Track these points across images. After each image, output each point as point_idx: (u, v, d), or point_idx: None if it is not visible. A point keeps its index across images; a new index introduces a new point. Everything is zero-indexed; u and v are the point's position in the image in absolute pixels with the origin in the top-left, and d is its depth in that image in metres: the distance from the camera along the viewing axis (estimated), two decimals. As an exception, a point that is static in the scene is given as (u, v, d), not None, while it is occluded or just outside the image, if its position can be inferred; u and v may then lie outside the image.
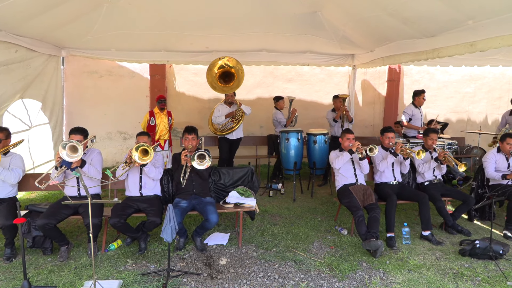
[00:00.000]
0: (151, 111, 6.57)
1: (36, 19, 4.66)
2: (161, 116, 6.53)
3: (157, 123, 6.49)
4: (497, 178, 4.79)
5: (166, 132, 6.56)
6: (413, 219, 5.16)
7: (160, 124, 6.50)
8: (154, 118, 6.50)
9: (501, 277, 3.55)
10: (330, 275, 3.60)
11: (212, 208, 4.06)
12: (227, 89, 6.06)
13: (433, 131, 4.99)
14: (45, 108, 6.08)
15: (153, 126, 6.48)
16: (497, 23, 3.67)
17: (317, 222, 5.02)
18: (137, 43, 6.45)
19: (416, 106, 6.84)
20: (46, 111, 6.18)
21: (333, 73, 8.70)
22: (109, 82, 7.99)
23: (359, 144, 4.59)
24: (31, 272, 3.58)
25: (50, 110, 6.24)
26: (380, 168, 4.77)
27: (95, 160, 4.14)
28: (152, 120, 6.48)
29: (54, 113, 6.29)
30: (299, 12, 5.01)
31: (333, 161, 4.71)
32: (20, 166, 4.09)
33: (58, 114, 6.43)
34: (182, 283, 3.41)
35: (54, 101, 6.35)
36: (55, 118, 6.34)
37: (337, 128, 6.96)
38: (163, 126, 6.52)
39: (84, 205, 3.85)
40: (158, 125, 6.49)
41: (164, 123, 6.53)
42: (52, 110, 6.28)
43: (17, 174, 4.02)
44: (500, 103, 9.20)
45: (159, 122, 6.50)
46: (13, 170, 4.01)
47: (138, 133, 4.34)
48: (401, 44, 5.41)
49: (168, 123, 6.59)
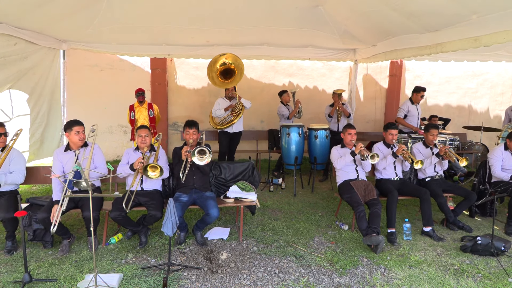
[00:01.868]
0: (131, 105, 6.52)
1: (37, 11, 4.63)
2: (140, 109, 6.46)
3: (136, 117, 6.44)
4: (505, 179, 4.74)
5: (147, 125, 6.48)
6: (414, 215, 5.16)
7: (139, 118, 6.44)
8: (133, 112, 6.46)
9: (502, 274, 3.55)
10: (330, 270, 3.60)
11: (212, 202, 4.05)
12: (227, 84, 6.10)
13: (433, 126, 4.97)
14: (30, 99, 6.00)
15: (133, 120, 6.45)
16: (502, 18, 3.64)
17: (317, 217, 5.02)
18: (138, 37, 6.41)
19: (413, 102, 6.76)
20: (30, 103, 6.10)
21: (335, 68, 8.66)
22: (110, 75, 7.97)
23: (362, 146, 4.55)
24: (32, 265, 3.58)
25: (34, 101, 6.15)
26: (380, 167, 4.76)
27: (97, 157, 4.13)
28: (132, 114, 6.45)
29: (38, 105, 6.16)
30: (301, 6, 4.96)
31: (335, 161, 4.70)
32: (21, 167, 4.08)
33: (42, 106, 6.30)
34: (183, 277, 3.41)
35: (40, 93, 6.22)
36: (37, 109, 6.21)
37: (333, 123, 6.95)
38: (143, 120, 6.43)
39: (83, 198, 3.84)
40: (137, 119, 6.44)
41: (143, 116, 6.45)
42: (36, 102, 6.17)
43: (21, 175, 4.05)
44: (503, 99, 9.16)
45: (138, 116, 6.44)
46: (15, 172, 4.00)
47: (137, 127, 4.36)
48: (404, 38, 5.37)
49: (149, 115, 6.47)
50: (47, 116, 6.51)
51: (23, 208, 4.02)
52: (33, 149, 6.16)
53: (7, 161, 3.99)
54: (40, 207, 3.96)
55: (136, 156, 4.23)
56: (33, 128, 6.19)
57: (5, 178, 3.91)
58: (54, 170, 3.92)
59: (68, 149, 4.04)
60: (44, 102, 6.39)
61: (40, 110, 6.32)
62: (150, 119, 6.49)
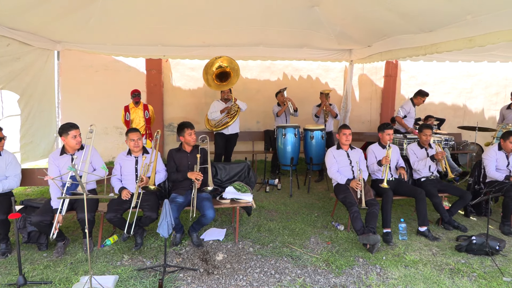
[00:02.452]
0: (126, 106, 6.52)
1: (31, 12, 4.59)
2: (136, 110, 6.47)
3: (132, 118, 6.45)
4: (499, 179, 4.76)
5: (143, 126, 6.48)
6: (410, 215, 5.17)
7: (135, 118, 6.46)
8: (128, 113, 6.45)
9: (497, 273, 3.57)
10: (326, 270, 3.60)
11: (208, 203, 4.04)
12: (222, 87, 6.13)
13: (427, 126, 4.99)
14: (21, 100, 5.95)
15: (128, 121, 6.45)
16: (496, 18, 3.65)
17: (313, 218, 5.02)
18: (133, 37, 6.39)
19: (414, 104, 6.79)
20: (21, 104, 6.05)
21: (330, 68, 8.68)
22: (105, 76, 7.93)
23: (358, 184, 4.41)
24: (27, 267, 3.56)
25: (25, 102, 6.10)
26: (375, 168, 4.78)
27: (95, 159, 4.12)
28: (127, 115, 6.44)
29: (28, 105, 6.12)
30: (296, 6, 4.97)
31: (329, 168, 4.72)
32: (17, 171, 4.06)
33: (32, 106, 6.24)
34: (179, 279, 3.40)
35: (31, 94, 6.18)
36: (28, 110, 6.16)
37: (320, 124, 6.95)
38: (138, 120, 6.47)
39: (78, 200, 3.82)
40: (133, 120, 6.46)
41: (139, 117, 6.47)
42: (27, 103, 6.13)
43: (17, 179, 4.05)
44: (497, 99, 9.22)
45: (134, 117, 6.45)
46: (11, 177, 4.00)
47: (127, 131, 4.30)
48: (399, 39, 5.39)
49: (145, 116, 6.49)
50: (38, 117, 6.46)
51: (18, 210, 4.00)
52: (24, 150, 6.12)
53: (3, 165, 3.98)
54: (35, 209, 3.94)
55: (129, 162, 4.21)
56: (24, 129, 6.14)
57: (2, 186, 3.89)
58: (50, 175, 3.87)
59: (63, 152, 4.01)
60: (35, 103, 6.34)
61: (31, 111, 6.27)
62: (146, 120, 6.49)
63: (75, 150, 4.01)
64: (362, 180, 4.43)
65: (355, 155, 4.75)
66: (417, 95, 6.77)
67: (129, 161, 4.22)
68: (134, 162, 4.21)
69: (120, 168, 4.22)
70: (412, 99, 6.84)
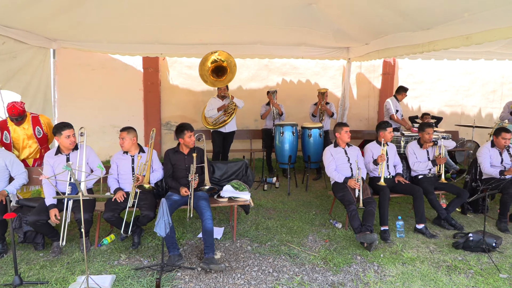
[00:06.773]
0: (2, 122, 4.63)
1: (26, 10, 4.55)
2: (17, 129, 4.53)
3: (13, 137, 4.51)
4: (494, 175, 4.78)
5: (35, 149, 4.69)
6: (407, 212, 5.18)
7: (17, 138, 4.53)
8: (7, 132, 4.49)
9: (494, 270, 3.58)
10: (324, 268, 3.60)
11: (205, 203, 3.98)
12: (218, 83, 6.03)
13: (428, 125, 4.99)
14: (24, 100, 5.92)
15: (8, 143, 4.49)
16: (493, 16, 3.65)
17: (311, 216, 5.02)
18: (130, 36, 6.35)
19: (398, 100, 7.01)
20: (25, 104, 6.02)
21: (328, 66, 8.66)
22: (102, 75, 7.88)
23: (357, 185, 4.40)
24: (23, 267, 3.54)
25: (29, 103, 6.08)
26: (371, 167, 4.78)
27: (91, 160, 4.12)
28: (5, 135, 4.47)
29: (33, 106, 6.12)
30: (294, 4, 4.95)
31: (327, 166, 4.72)
32: (21, 169, 4.11)
33: (38, 107, 6.24)
34: (176, 278, 3.39)
35: (35, 94, 6.16)
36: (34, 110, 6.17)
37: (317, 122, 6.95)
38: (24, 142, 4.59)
39: (75, 200, 3.80)
40: (15, 141, 4.53)
41: (25, 136, 4.57)
42: (32, 103, 6.11)
43: (25, 175, 4.13)
44: (494, 97, 9.24)
45: (16, 137, 4.52)
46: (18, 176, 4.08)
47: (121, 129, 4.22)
48: (397, 37, 5.38)
49: (36, 135, 4.62)
50: None
51: (13, 210, 3.97)
52: None
53: (11, 167, 4.06)
54: (31, 209, 3.91)
55: (125, 161, 4.19)
56: None
57: (14, 185, 4.01)
58: (45, 174, 3.85)
59: (59, 152, 3.99)
60: (40, 103, 6.33)
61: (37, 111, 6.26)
62: (38, 140, 4.67)
63: (70, 150, 3.99)
64: (361, 179, 4.43)
65: (352, 153, 4.75)
66: (401, 91, 7.05)
67: (126, 160, 4.20)
68: (130, 161, 4.19)
69: (117, 167, 4.20)
70: (395, 95, 7.06)
